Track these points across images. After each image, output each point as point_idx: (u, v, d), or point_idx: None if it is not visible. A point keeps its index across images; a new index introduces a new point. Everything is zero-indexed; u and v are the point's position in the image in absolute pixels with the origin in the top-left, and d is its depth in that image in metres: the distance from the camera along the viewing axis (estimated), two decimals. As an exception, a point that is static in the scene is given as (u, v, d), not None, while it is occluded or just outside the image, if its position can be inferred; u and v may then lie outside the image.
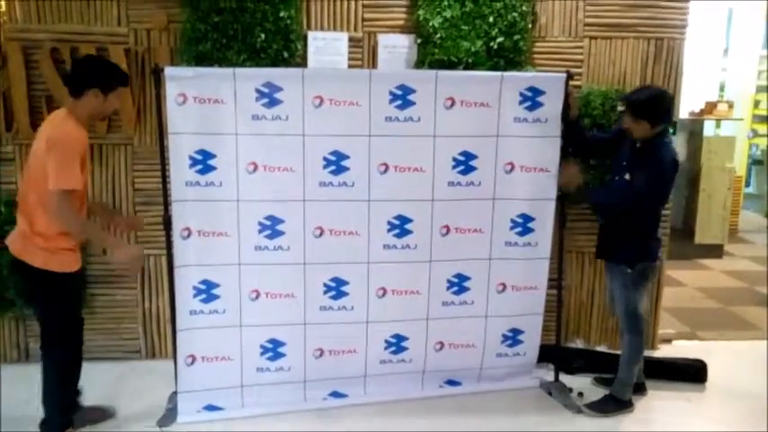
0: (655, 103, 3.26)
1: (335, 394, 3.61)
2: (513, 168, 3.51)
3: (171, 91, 3.18)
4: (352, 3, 3.87)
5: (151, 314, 4.08)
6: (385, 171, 3.40)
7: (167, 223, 3.34)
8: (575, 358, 4.05)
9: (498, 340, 3.73)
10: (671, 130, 3.51)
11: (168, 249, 3.37)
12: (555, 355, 3.86)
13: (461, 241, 3.54)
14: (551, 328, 3.87)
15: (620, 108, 3.84)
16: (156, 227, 3.74)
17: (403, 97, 3.35)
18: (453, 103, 3.39)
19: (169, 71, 3.19)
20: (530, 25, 3.91)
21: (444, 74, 3.44)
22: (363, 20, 3.89)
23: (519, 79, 3.48)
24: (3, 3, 3.71)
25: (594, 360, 4.01)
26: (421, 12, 3.81)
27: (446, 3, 3.78)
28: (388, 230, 3.46)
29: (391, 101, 3.34)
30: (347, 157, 3.36)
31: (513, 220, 3.58)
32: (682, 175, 6.77)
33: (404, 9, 3.91)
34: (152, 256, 4.00)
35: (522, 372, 3.83)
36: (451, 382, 3.75)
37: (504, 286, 3.65)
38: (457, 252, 3.55)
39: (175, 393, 3.44)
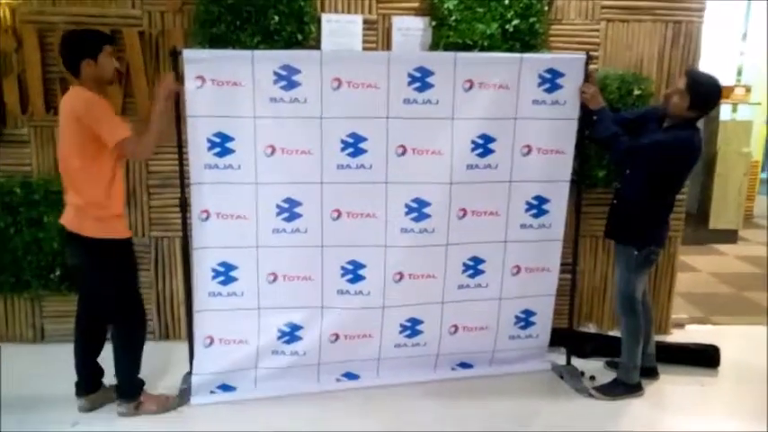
0: (710, 89, 3.25)
1: (348, 375, 3.63)
2: (530, 151, 3.49)
3: (189, 74, 3.18)
4: (367, -15, 3.85)
5: (165, 296, 4.11)
6: (403, 153, 3.38)
7: (183, 205, 3.36)
8: (587, 342, 4.05)
9: (511, 322, 3.73)
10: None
11: (184, 231, 3.39)
12: (567, 338, 3.86)
13: (477, 224, 3.53)
14: (564, 312, 3.88)
15: (636, 92, 3.81)
16: (170, 209, 3.77)
17: (421, 79, 3.32)
18: (472, 86, 3.36)
19: (187, 54, 3.19)
20: (546, 8, 3.87)
21: (463, 56, 3.41)
22: (378, 2, 3.86)
23: (538, 61, 3.44)
24: (18, -15, 3.72)
25: (606, 344, 3.99)
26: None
27: (460, -16, 3.75)
28: (406, 214, 3.44)
29: (410, 83, 3.32)
30: (365, 140, 3.35)
31: (528, 203, 3.56)
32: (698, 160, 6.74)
33: (418, -9, 3.88)
34: (166, 239, 4.02)
35: (534, 355, 3.84)
36: (464, 365, 3.76)
37: (519, 269, 3.65)
38: (473, 235, 3.53)
39: (189, 374, 3.48)
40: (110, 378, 3.32)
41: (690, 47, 4.06)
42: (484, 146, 3.43)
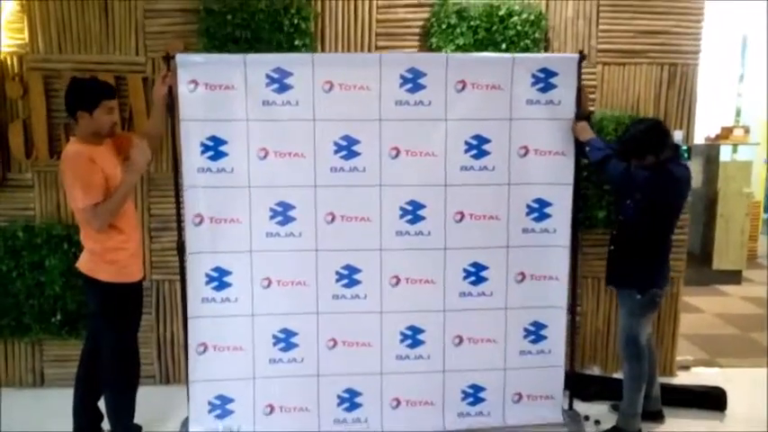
0: (631, 143, 3.27)
1: (350, 392, 3.53)
2: (527, 152, 3.45)
3: (182, 78, 3.22)
4: (366, 31, 3.93)
5: (165, 340, 4.09)
6: (396, 156, 3.38)
7: (181, 249, 3.37)
8: (590, 385, 4.00)
9: (520, 335, 3.59)
10: (685, 156, 3.48)
11: (182, 275, 3.39)
12: (569, 381, 3.78)
13: (477, 228, 3.47)
14: (566, 354, 3.82)
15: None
16: (170, 252, 3.77)
17: (413, 81, 3.33)
18: (465, 86, 3.36)
19: (180, 58, 3.24)
20: (543, 52, 3.93)
21: (455, 56, 3.44)
22: (377, 47, 3.94)
23: (531, 60, 3.44)
24: (26, 34, 3.81)
25: (610, 387, 3.93)
26: (434, 39, 3.85)
27: (459, 30, 3.82)
28: (401, 216, 3.42)
29: (402, 84, 3.33)
30: (358, 142, 3.35)
31: (528, 206, 3.50)
32: (699, 201, 6.77)
33: (417, 37, 3.96)
34: (167, 282, 4.02)
35: (550, 384, 3.65)
36: (476, 388, 3.60)
37: (524, 276, 3.55)
38: (472, 239, 3.48)
39: (188, 419, 3.44)
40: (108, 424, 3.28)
41: (686, 88, 4.11)
42: (478, 147, 3.41)
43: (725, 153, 7.40)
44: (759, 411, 3.84)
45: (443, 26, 3.84)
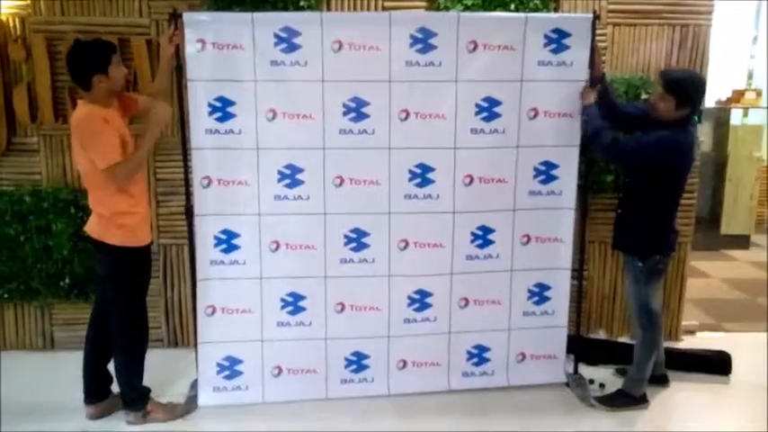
0: (688, 83, 3.20)
1: (357, 355, 3.56)
2: (536, 114, 3.42)
3: (189, 37, 3.18)
4: (373, -9, 3.86)
5: (173, 303, 4.12)
6: (406, 118, 3.35)
7: (189, 213, 3.37)
8: (596, 349, 4.02)
9: (524, 296, 3.62)
10: (695, 119, 3.42)
11: (190, 239, 3.39)
12: (575, 345, 3.81)
13: (485, 191, 3.46)
14: (572, 318, 3.83)
15: (643, 96, 3.80)
16: (178, 216, 3.78)
17: (424, 41, 3.28)
18: (476, 47, 3.31)
19: (187, 17, 3.20)
20: (552, 12, 3.85)
21: (467, 16, 3.38)
22: (383, 8, 3.86)
23: (544, 21, 3.38)
24: (28, -5, 3.76)
25: (615, 351, 3.96)
26: (442, 0, 3.78)
27: (467, -9, 3.75)
28: (410, 179, 3.41)
29: (412, 45, 3.28)
30: (367, 104, 3.32)
31: (536, 168, 3.48)
32: (708, 165, 6.70)
33: (425, -2, 3.88)
34: (174, 246, 4.04)
35: (553, 344, 3.69)
36: (480, 348, 3.65)
37: (529, 238, 3.56)
38: (480, 203, 3.47)
39: (197, 381, 3.49)
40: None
41: (698, 50, 4.03)
42: (489, 109, 3.38)
43: (735, 117, 7.31)
44: (764, 376, 3.85)
45: (451, -14, 3.76)
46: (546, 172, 3.50)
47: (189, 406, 3.41)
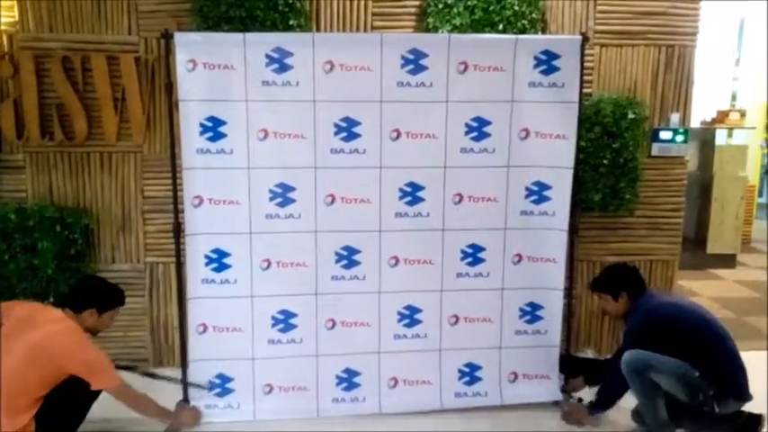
0: (606, 277, 3.39)
1: (349, 372, 3.56)
2: (528, 135, 3.45)
3: (181, 57, 3.19)
4: (362, 11, 3.88)
5: (159, 322, 4.08)
6: (397, 138, 3.37)
7: (177, 231, 3.35)
8: (584, 368, 3.99)
9: (516, 315, 3.62)
10: (679, 136, 3.41)
11: (177, 257, 3.37)
12: (564, 364, 3.78)
13: (475, 210, 3.48)
14: (561, 336, 3.82)
15: (630, 115, 3.83)
16: (165, 234, 3.75)
17: (415, 62, 3.31)
18: (466, 68, 3.35)
19: (179, 36, 3.21)
20: (539, 33, 3.90)
21: (457, 37, 3.42)
22: (373, 28, 3.89)
23: (533, 42, 3.42)
24: (16, 12, 3.75)
25: (603, 369, 3.93)
26: (430, 20, 3.80)
27: (456, 11, 3.77)
28: (400, 198, 3.43)
29: (403, 65, 3.31)
30: (358, 124, 3.34)
31: (528, 188, 3.51)
32: (694, 185, 6.76)
33: (413, 17, 3.91)
34: (160, 264, 4.00)
35: (545, 364, 3.68)
36: (472, 367, 3.64)
37: (520, 257, 3.57)
38: (470, 221, 3.49)
39: (182, 401, 3.46)
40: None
41: (683, 71, 4.09)
42: (479, 129, 3.41)
43: (720, 137, 7.41)
44: (754, 394, 3.84)
45: (440, 6, 3.78)
46: (538, 192, 3.52)
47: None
